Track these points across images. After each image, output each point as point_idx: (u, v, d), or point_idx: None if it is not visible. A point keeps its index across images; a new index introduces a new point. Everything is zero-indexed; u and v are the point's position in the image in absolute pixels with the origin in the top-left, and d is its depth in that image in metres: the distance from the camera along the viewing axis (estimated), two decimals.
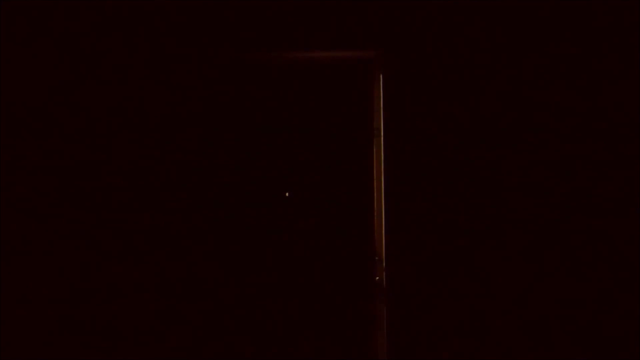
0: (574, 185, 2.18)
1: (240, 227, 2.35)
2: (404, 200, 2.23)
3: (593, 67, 2.20)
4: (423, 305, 2.22)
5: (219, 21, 2.27)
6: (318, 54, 2.29)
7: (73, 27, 2.27)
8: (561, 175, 2.18)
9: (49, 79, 2.27)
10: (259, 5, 2.27)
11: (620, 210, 2.17)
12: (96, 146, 2.27)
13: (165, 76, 2.28)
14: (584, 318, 2.18)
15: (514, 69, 2.20)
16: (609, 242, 2.17)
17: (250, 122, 2.36)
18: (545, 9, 2.20)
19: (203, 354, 2.27)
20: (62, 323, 2.24)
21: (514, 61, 2.20)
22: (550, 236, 2.18)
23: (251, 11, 2.27)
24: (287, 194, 2.35)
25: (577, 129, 2.19)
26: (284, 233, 2.34)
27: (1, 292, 2.25)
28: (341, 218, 2.32)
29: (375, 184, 2.30)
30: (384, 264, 2.26)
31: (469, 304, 2.20)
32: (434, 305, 2.22)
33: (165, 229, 2.27)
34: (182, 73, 2.28)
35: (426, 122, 2.22)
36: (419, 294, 2.22)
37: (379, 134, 2.28)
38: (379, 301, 2.27)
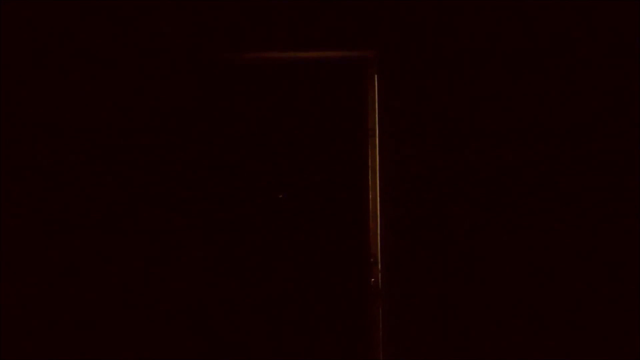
0: (573, 185, 2.18)
1: (233, 229, 2.32)
2: (400, 201, 2.22)
3: (592, 68, 2.20)
4: (419, 308, 2.21)
5: (214, 20, 2.25)
6: (312, 54, 2.27)
7: (68, 26, 2.25)
8: (560, 175, 2.18)
9: (45, 78, 2.25)
10: (251, 5, 2.24)
11: (621, 210, 2.17)
12: (90, 146, 2.24)
13: (157, 76, 2.25)
14: (584, 319, 2.18)
15: (509, 68, 2.20)
16: (609, 241, 2.18)
17: (242, 122, 2.33)
18: (540, 9, 2.20)
19: (198, 355, 2.24)
20: (56, 325, 2.23)
21: (510, 61, 2.20)
22: (549, 236, 2.18)
23: (244, 11, 2.24)
24: (280, 196, 2.33)
25: (575, 128, 2.19)
26: (278, 235, 2.31)
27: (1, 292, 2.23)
28: (336, 220, 2.30)
29: (370, 184, 2.28)
30: (379, 266, 2.24)
31: (466, 305, 2.20)
32: (430, 307, 2.21)
33: (159, 231, 2.25)
34: (175, 73, 2.25)
35: (421, 122, 2.21)
36: (415, 296, 2.21)
37: (373, 134, 2.27)
38: (375, 303, 2.25)
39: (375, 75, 2.25)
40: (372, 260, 2.27)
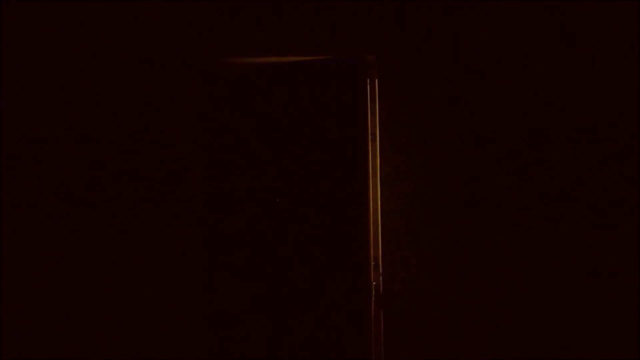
0: (572, 186, 2.20)
1: (232, 232, 2.30)
2: (400, 205, 2.22)
3: (590, 69, 2.22)
4: (419, 310, 2.21)
5: (217, 25, 2.25)
6: (313, 57, 2.28)
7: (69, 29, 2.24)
8: (560, 176, 2.20)
9: (46, 79, 2.23)
10: (253, 9, 2.25)
11: (621, 210, 2.19)
12: (91, 147, 2.23)
13: (158, 78, 2.24)
14: (587, 324, 2.19)
15: (510, 71, 2.23)
16: (608, 241, 2.19)
17: (243, 125, 2.32)
18: (538, 10, 2.23)
19: (198, 356, 2.23)
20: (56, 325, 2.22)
21: (509, 64, 2.23)
22: (551, 237, 2.20)
23: (246, 15, 2.25)
24: (277, 200, 2.32)
25: (574, 130, 2.21)
26: (278, 238, 2.30)
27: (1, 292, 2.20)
28: (337, 223, 2.29)
29: (371, 188, 2.29)
30: (380, 269, 2.24)
31: (466, 308, 2.20)
32: (431, 310, 2.21)
33: (157, 233, 2.23)
34: (178, 76, 2.25)
35: (422, 125, 2.23)
36: (416, 298, 2.22)
37: (374, 138, 2.28)
38: (376, 306, 2.25)
39: (376, 79, 2.27)
40: (373, 263, 2.27)
